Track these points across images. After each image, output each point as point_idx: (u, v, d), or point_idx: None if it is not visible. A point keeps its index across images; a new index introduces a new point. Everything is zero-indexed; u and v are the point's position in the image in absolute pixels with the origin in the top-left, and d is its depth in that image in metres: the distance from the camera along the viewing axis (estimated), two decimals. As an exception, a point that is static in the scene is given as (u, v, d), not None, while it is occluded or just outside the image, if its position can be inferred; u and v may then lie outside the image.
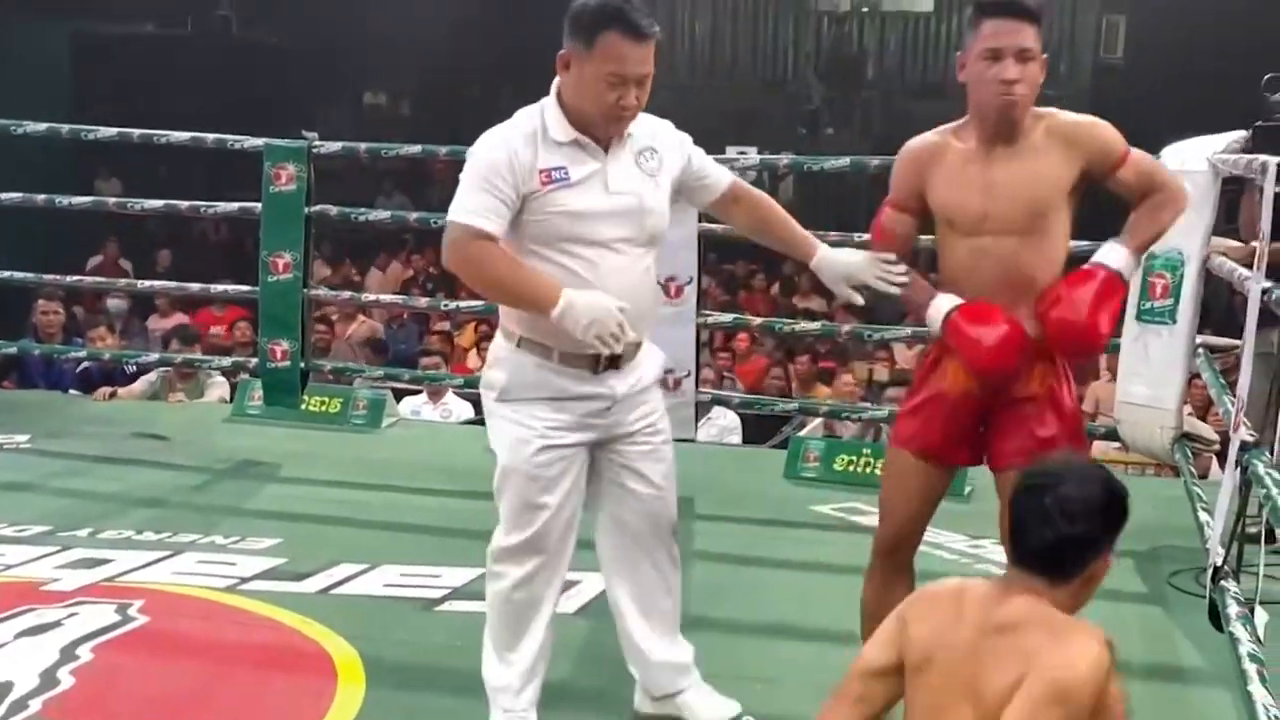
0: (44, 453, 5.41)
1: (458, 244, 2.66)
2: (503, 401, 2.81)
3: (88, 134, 6.00)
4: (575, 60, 2.66)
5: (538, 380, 2.77)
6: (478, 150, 2.69)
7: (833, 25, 15.56)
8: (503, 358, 2.81)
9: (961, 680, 2.02)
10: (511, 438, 2.80)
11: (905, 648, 2.12)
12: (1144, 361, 4.54)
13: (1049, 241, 2.73)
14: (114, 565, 3.97)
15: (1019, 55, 2.66)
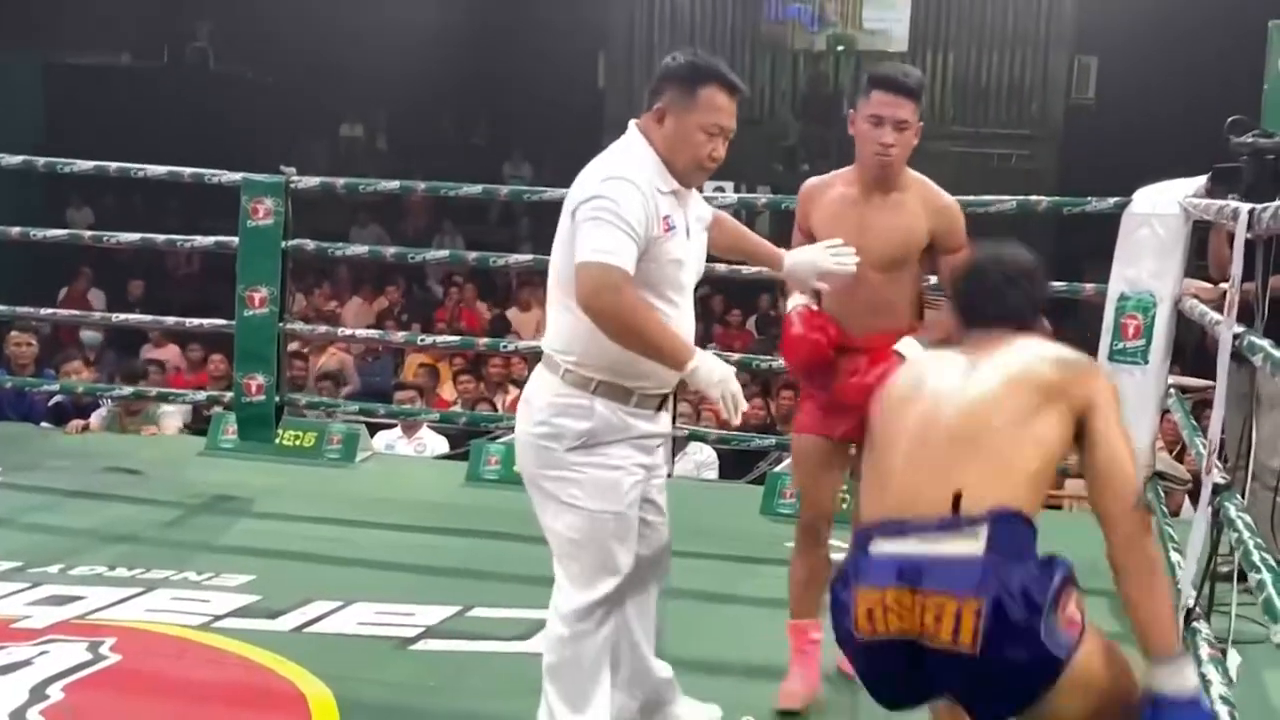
0: (14, 486, 5.37)
1: (609, 287, 2.62)
2: (584, 448, 2.77)
3: (64, 167, 5.99)
4: (674, 111, 2.78)
5: (620, 423, 2.79)
6: (613, 192, 2.69)
7: (809, 63, 15.67)
8: (578, 404, 2.77)
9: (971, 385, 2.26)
10: (603, 482, 2.78)
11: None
12: (1117, 401, 4.58)
13: (906, 277, 3.31)
14: (85, 602, 3.93)
15: (896, 125, 3.17)
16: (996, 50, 15.16)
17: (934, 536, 2.06)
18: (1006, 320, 2.40)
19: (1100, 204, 4.76)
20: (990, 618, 1.97)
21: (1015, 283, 2.45)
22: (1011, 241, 2.58)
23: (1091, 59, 14.65)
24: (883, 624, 2.04)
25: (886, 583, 2.05)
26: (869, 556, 2.11)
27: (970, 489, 2.10)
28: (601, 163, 2.80)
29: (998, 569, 2.02)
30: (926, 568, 2.03)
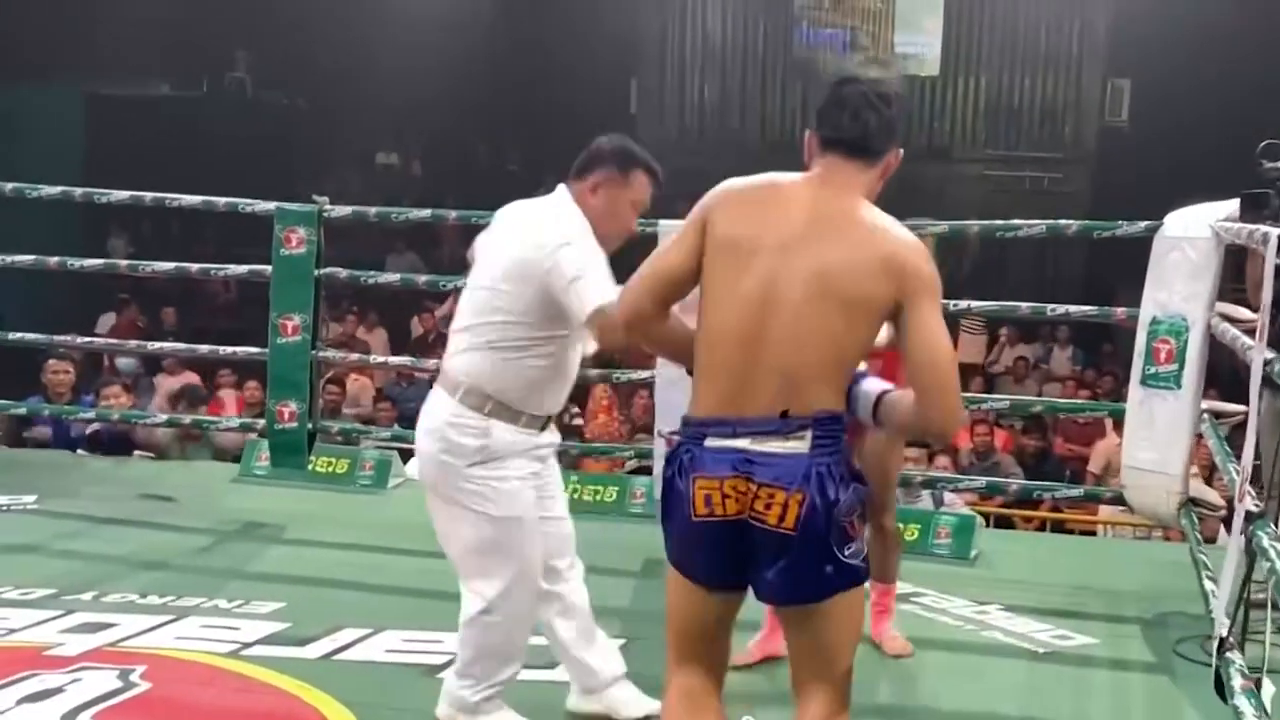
0: (51, 513, 5.41)
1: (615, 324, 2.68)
2: (482, 463, 3.04)
3: (100, 197, 6.07)
4: (607, 187, 3.11)
5: (512, 440, 3.07)
6: (584, 246, 3.00)
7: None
8: (473, 424, 3.03)
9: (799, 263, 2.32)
10: (504, 491, 3.05)
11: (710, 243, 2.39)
12: (1149, 426, 4.54)
13: None
14: (117, 630, 3.96)
15: None
16: (1029, 73, 15.12)
17: (764, 438, 2.29)
18: (865, 149, 2.42)
19: (1131, 228, 4.73)
20: (808, 507, 2.27)
21: (875, 107, 2.41)
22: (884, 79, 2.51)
23: (1125, 81, 14.60)
24: (720, 508, 2.31)
25: (725, 473, 2.30)
26: (705, 450, 2.33)
27: (796, 399, 2.30)
28: (550, 227, 3.04)
29: (818, 467, 2.28)
30: (759, 462, 2.29)
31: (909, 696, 3.68)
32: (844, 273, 2.31)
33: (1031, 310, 5.38)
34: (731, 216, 2.40)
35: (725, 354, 2.35)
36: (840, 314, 2.31)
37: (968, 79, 15.31)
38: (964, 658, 4.02)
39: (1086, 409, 6.55)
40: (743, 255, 2.35)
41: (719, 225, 2.40)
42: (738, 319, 2.34)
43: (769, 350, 2.31)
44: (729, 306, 2.35)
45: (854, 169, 2.41)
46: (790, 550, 2.29)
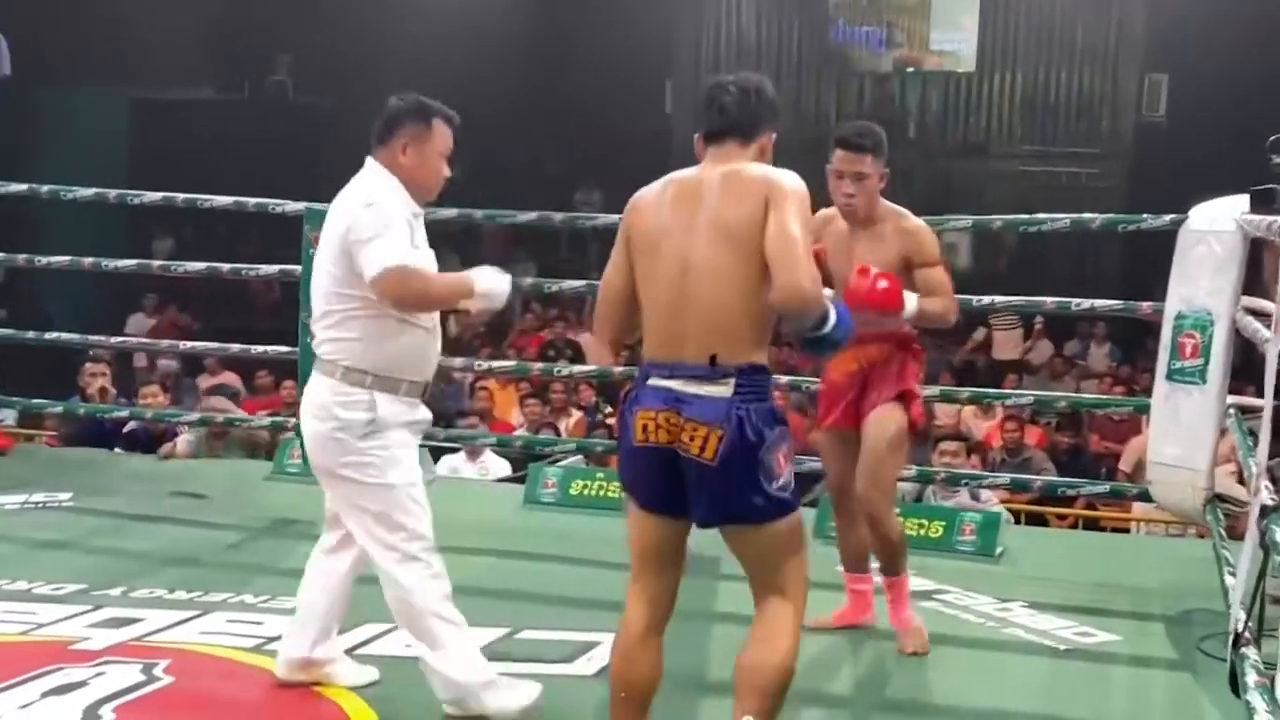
0: (85, 510, 5.49)
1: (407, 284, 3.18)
2: (371, 435, 3.25)
3: (134, 198, 6.16)
4: (414, 142, 3.34)
5: (395, 410, 3.29)
6: (379, 213, 3.20)
7: (874, 85, 15.62)
8: (358, 398, 3.25)
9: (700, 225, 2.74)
10: (393, 461, 3.28)
11: (632, 243, 2.86)
12: (1175, 422, 4.52)
13: None
14: (143, 624, 4.01)
15: (855, 177, 3.75)
16: (1065, 68, 14.99)
17: (695, 381, 2.70)
18: (735, 132, 2.84)
19: (1156, 221, 4.70)
20: (727, 442, 2.66)
21: (733, 96, 2.85)
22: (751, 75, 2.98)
23: (1162, 76, 14.44)
24: (654, 436, 2.72)
25: (659, 406, 2.72)
26: (647, 388, 2.76)
27: (722, 348, 2.70)
28: (357, 193, 3.29)
29: (739, 410, 2.67)
30: (688, 400, 2.70)
31: (926, 693, 3.67)
32: (732, 214, 2.73)
33: (1056, 305, 5.35)
34: (643, 219, 2.86)
35: (660, 316, 2.79)
36: (736, 253, 2.71)
37: (1004, 74, 15.20)
38: (984, 655, 4.00)
39: (1113, 404, 6.50)
40: (657, 241, 2.80)
41: (635, 230, 2.88)
42: (662, 288, 2.78)
43: (692, 308, 2.73)
44: (655, 279, 2.80)
45: (733, 151, 2.83)
46: (712, 478, 2.70)
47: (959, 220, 5.33)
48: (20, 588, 4.35)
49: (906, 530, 5.00)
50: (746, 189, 2.73)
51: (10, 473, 6.05)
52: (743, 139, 2.84)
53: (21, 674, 3.50)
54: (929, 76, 15.54)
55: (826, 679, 3.73)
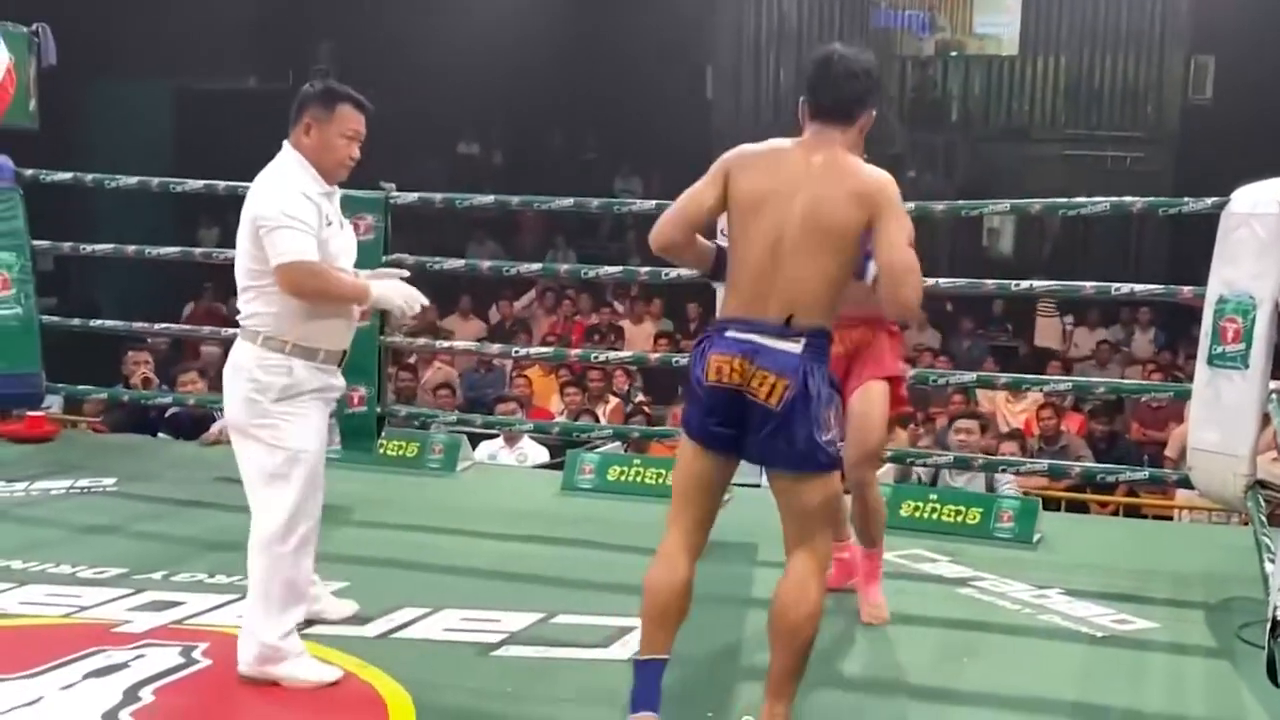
0: (129, 495, 5.56)
1: (307, 276, 3.41)
2: (285, 400, 3.46)
3: (176, 186, 6.22)
4: (316, 125, 3.54)
5: (311, 377, 3.49)
6: (287, 203, 3.42)
7: (917, 69, 15.51)
8: (277, 364, 3.46)
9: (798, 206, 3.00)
10: (301, 427, 3.47)
11: (734, 195, 3.08)
12: (1216, 407, 4.47)
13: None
14: (184, 608, 4.06)
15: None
16: (1109, 51, 14.81)
17: (771, 336, 2.99)
18: (844, 111, 3.09)
19: (1197, 204, 4.65)
20: (793, 392, 2.96)
21: (853, 78, 3.09)
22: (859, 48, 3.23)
23: (1209, 58, 14.23)
24: (727, 378, 3.01)
25: (735, 353, 3.00)
26: (725, 337, 3.04)
27: (799, 312, 3.00)
28: (270, 178, 3.52)
29: (806, 365, 2.98)
30: (763, 351, 2.99)
31: (961, 680, 3.65)
32: (828, 208, 2.99)
33: (1096, 290, 5.30)
34: (748, 175, 3.08)
35: (748, 277, 3.05)
36: (827, 242, 2.99)
37: (1047, 58, 15.04)
38: (1019, 641, 3.98)
39: (1152, 390, 6.43)
40: (757, 203, 3.04)
41: (739, 181, 3.08)
42: (756, 252, 3.04)
43: (779, 275, 3.01)
44: (750, 242, 3.05)
45: (836, 131, 3.08)
46: (772, 423, 2.98)
47: (998, 204, 5.27)
48: (64, 571, 4.41)
49: (943, 516, 5.02)
50: (843, 188, 2.99)
51: (56, 458, 6.14)
52: (848, 122, 3.09)
53: (64, 655, 3.56)
54: (972, 60, 15.41)
55: (859, 665, 3.73)
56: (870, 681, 3.62)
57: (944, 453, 5.67)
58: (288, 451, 3.46)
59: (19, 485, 5.62)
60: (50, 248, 6.71)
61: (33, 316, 6.27)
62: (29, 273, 6.27)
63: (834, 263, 3.00)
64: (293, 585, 3.49)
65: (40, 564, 4.46)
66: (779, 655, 3.12)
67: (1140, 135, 14.54)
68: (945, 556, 4.79)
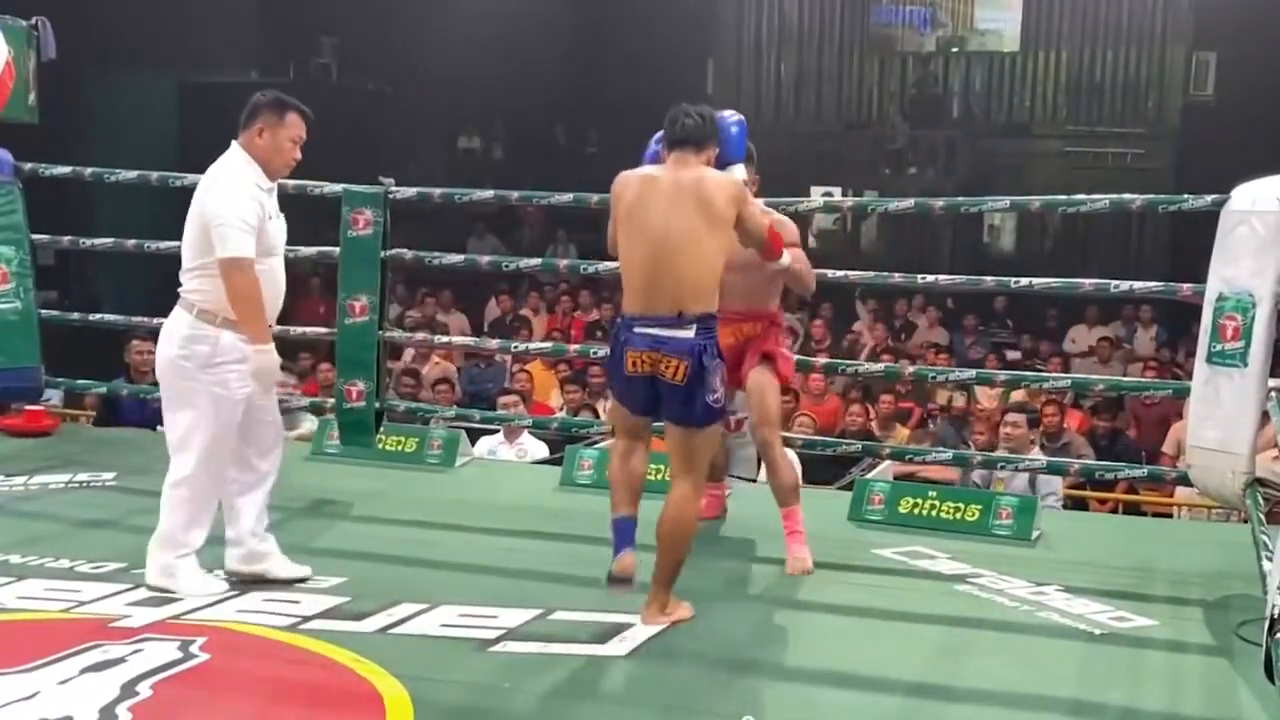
0: (128, 490, 5.54)
1: (242, 273, 3.97)
2: (209, 367, 4.02)
3: (175, 180, 6.21)
4: (269, 129, 4.12)
5: (235, 348, 4.03)
6: (235, 203, 3.99)
7: (918, 65, 15.49)
8: (206, 334, 4.03)
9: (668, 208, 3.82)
10: (218, 392, 4.04)
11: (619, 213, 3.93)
12: (1215, 404, 4.46)
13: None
14: (181, 603, 4.05)
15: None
16: (1110, 47, 14.81)
17: (667, 327, 3.80)
18: (690, 143, 3.90)
19: (1197, 202, 4.65)
20: (689, 369, 3.79)
21: (691, 118, 3.92)
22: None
23: (1210, 55, 14.23)
24: (642, 367, 3.84)
25: (645, 348, 3.83)
26: (634, 332, 3.84)
27: (685, 304, 3.80)
28: (222, 176, 4.08)
29: (697, 346, 3.79)
30: (664, 341, 3.80)
31: (958, 676, 3.64)
32: (704, 208, 3.82)
33: (1095, 287, 5.30)
34: (631, 193, 3.91)
35: (640, 276, 3.87)
36: (707, 238, 3.82)
37: (1048, 53, 15.03)
38: (1017, 638, 3.97)
39: (1151, 387, 6.42)
40: (641, 213, 3.86)
41: (624, 199, 3.92)
42: (641, 253, 3.87)
43: (666, 273, 3.82)
44: (638, 244, 3.87)
45: (690, 157, 3.91)
46: (680, 393, 3.83)
47: (997, 201, 5.26)
48: (63, 565, 4.41)
49: (942, 513, 5.02)
50: (712, 191, 3.84)
51: (55, 452, 6.14)
52: (697, 150, 3.93)
53: (62, 650, 3.56)
54: (973, 56, 15.40)
55: (857, 660, 3.72)
56: (868, 678, 3.61)
57: (942, 450, 5.66)
58: (206, 412, 4.04)
59: (18, 479, 5.62)
60: (50, 241, 6.72)
61: (32, 310, 6.27)
62: (29, 267, 6.27)
63: (713, 251, 3.84)
64: (193, 517, 4.15)
65: (39, 558, 4.46)
66: (661, 553, 3.90)
67: (1141, 131, 14.52)
68: (944, 553, 4.79)
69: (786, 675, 3.63)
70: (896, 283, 5.60)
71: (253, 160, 4.11)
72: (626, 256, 3.90)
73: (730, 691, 3.47)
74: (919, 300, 12.50)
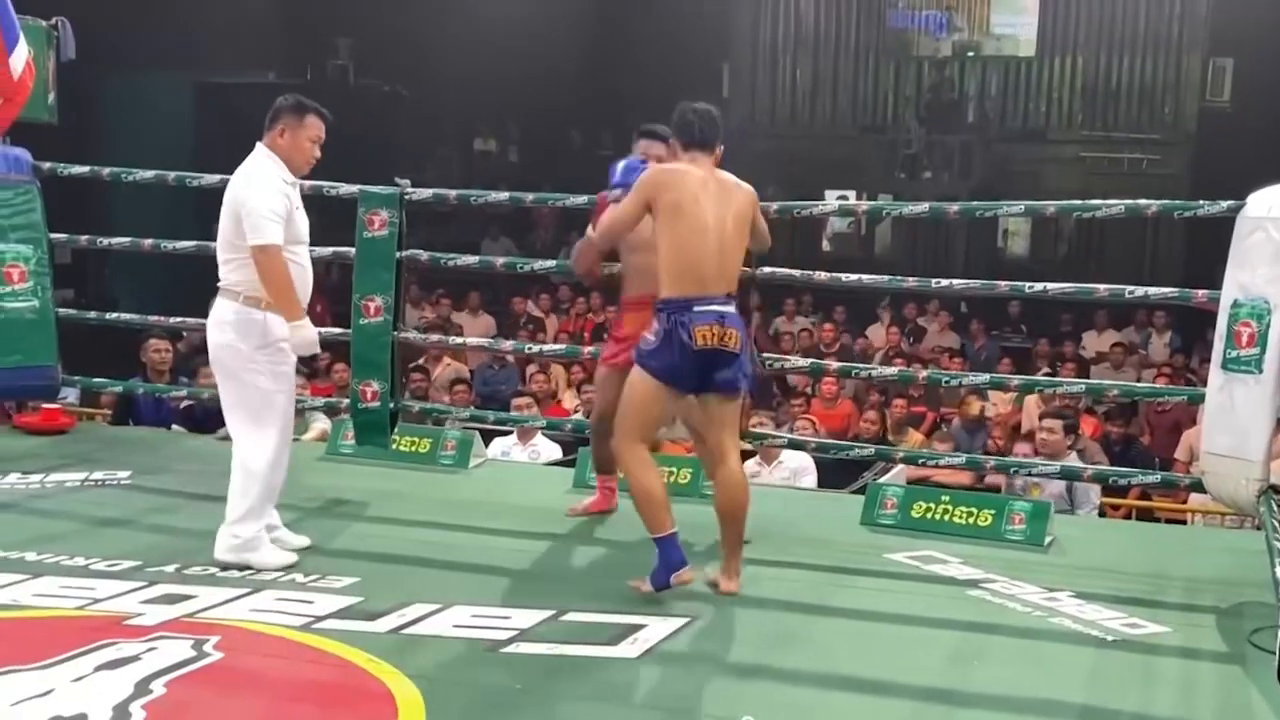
0: (142, 488, 5.58)
1: (274, 257, 4.34)
2: (262, 348, 4.39)
3: (192, 180, 6.24)
4: (290, 129, 4.50)
5: (280, 325, 4.41)
6: (264, 195, 4.35)
7: (933, 70, 15.47)
8: (254, 318, 4.39)
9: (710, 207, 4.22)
10: (277, 370, 4.44)
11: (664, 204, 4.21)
12: (1229, 411, 4.45)
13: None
14: (196, 601, 4.07)
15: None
16: (1127, 53, 14.78)
17: (722, 304, 4.22)
18: (709, 144, 4.30)
19: (1213, 208, 4.64)
20: (741, 339, 4.24)
21: (711, 120, 4.32)
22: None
23: (1227, 61, 14.19)
24: (711, 340, 4.17)
25: (712, 322, 4.18)
26: (696, 311, 4.17)
27: (731, 286, 4.28)
28: (252, 172, 4.44)
29: (740, 320, 4.27)
30: (726, 317, 4.21)
31: (970, 682, 3.64)
32: (739, 208, 4.31)
33: (1110, 292, 5.28)
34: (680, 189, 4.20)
35: (698, 260, 4.21)
36: (743, 231, 4.34)
37: (1064, 59, 15.01)
38: (1028, 644, 3.97)
39: (1166, 393, 6.40)
40: (690, 205, 4.19)
41: (666, 194, 4.20)
42: (702, 240, 4.21)
43: (724, 259, 4.26)
44: (697, 232, 4.20)
45: (705, 156, 4.30)
46: (736, 361, 4.24)
47: (1013, 205, 5.26)
48: (78, 563, 4.43)
49: (954, 518, 5.02)
50: (740, 194, 4.33)
51: (71, 451, 6.17)
52: (709, 149, 4.31)
53: (77, 647, 3.58)
54: (989, 61, 15.38)
55: (868, 665, 3.72)
56: (879, 682, 3.61)
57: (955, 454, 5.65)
58: (268, 390, 4.42)
59: (34, 477, 5.65)
60: (68, 240, 6.74)
61: (49, 309, 6.31)
62: (47, 265, 6.30)
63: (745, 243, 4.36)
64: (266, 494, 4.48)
65: (54, 556, 4.49)
66: (736, 524, 4.28)
67: (1157, 137, 14.49)
68: (956, 558, 4.79)
69: (798, 679, 3.63)
70: (911, 287, 5.59)
71: (276, 158, 4.47)
72: (681, 244, 4.19)
73: (742, 694, 3.47)
74: (932, 305, 12.49)
